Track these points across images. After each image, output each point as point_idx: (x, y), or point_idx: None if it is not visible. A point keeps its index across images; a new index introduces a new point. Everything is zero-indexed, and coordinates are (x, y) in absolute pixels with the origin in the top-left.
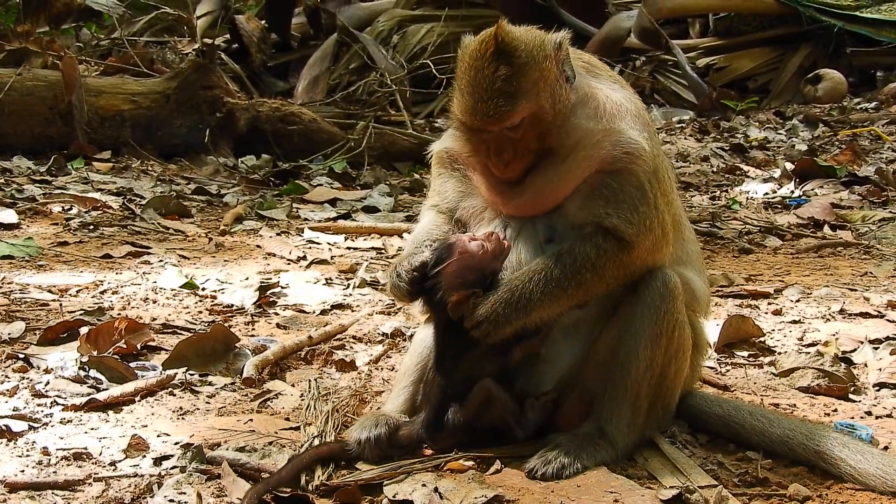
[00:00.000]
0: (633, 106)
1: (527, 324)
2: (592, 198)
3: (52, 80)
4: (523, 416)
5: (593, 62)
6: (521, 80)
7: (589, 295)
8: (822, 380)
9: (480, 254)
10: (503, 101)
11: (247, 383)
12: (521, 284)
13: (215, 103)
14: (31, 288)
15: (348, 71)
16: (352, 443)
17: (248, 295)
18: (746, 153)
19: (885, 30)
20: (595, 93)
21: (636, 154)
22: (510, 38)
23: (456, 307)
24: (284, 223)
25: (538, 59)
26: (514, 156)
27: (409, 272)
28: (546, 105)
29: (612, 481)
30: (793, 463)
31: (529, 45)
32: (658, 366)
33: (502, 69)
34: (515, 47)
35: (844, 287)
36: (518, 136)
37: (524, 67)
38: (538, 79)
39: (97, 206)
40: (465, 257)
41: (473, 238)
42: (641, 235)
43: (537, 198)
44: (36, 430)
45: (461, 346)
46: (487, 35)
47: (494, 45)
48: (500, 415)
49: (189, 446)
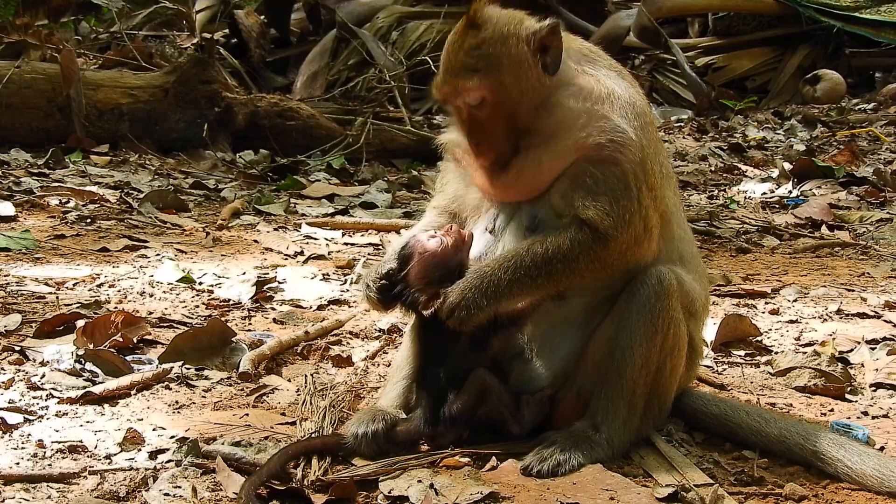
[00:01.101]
0: (627, 94)
1: (497, 311)
2: (574, 187)
3: (51, 74)
4: (519, 412)
5: (594, 50)
6: (483, 53)
7: (561, 286)
8: (818, 379)
9: (441, 250)
10: (463, 74)
11: (243, 378)
12: (491, 271)
13: (214, 98)
14: (27, 281)
15: (347, 67)
16: (349, 437)
17: (245, 290)
18: (745, 153)
19: (885, 31)
20: (584, 76)
21: (622, 143)
22: (483, 13)
23: (427, 307)
24: (282, 218)
25: (506, 35)
26: (484, 138)
27: (376, 281)
28: (507, 82)
29: (608, 479)
30: (789, 462)
31: (501, 23)
32: (653, 364)
33: (468, 41)
34: (485, 21)
35: (842, 287)
36: (484, 115)
37: (488, 41)
38: (501, 54)
39: (94, 200)
40: (426, 256)
41: (431, 236)
42: (619, 229)
43: (521, 181)
44: (31, 422)
45: (444, 342)
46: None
47: (467, 19)
48: (496, 407)
49: (184, 440)
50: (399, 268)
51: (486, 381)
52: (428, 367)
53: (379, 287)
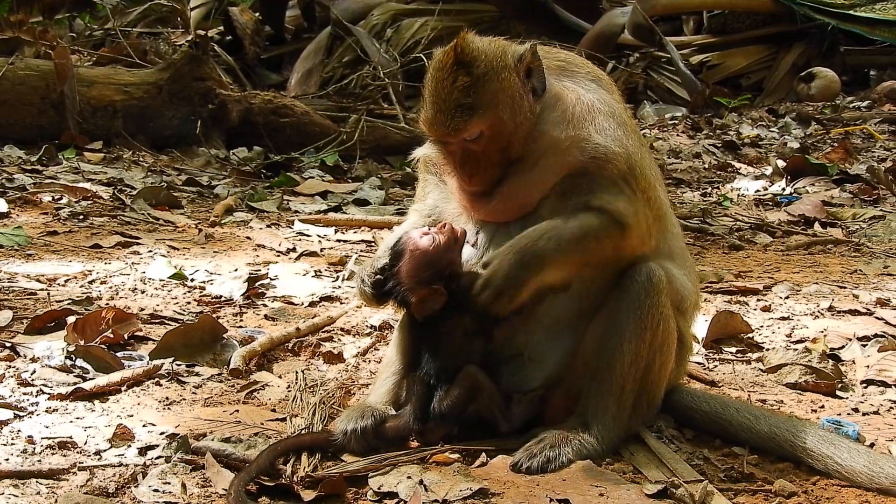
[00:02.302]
0: (607, 106)
1: (533, 285)
2: (567, 197)
3: (45, 70)
4: (509, 410)
5: (571, 60)
6: (479, 91)
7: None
8: (809, 376)
9: (432, 248)
10: (460, 113)
11: (234, 374)
12: (530, 243)
13: (208, 95)
14: (19, 277)
15: (342, 64)
16: (338, 434)
17: (237, 286)
18: (738, 150)
19: (879, 29)
20: (565, 95)
21: (604, 159)
22: (470, 49)
23: (419, 307)
24: (275, 215)
25: (498, 70)
26: (478, 169)
27: (371, 276)
28: (505, 117)
29: (598, 475)
30: (779, 459)
31: (490, 56)
32: (643, 360)
33: (461, 80)
34: (475, 58)
35: (834, 284)
36: (479, 148)
37: (483, 78)
38: (497, 90)
39: (87, 197)
40: (418, 254)
41: (424, 233)
42: (633, 218)
43: (507, 204)
44: (21, 418)
45: (436, 339)
46: (450, 47)
47: (454, 55)
48: (486, 404)
49: (174, 436)
50: (391, 263)
51: (477, 378)
52: (418, 364)
53: (374, 282)
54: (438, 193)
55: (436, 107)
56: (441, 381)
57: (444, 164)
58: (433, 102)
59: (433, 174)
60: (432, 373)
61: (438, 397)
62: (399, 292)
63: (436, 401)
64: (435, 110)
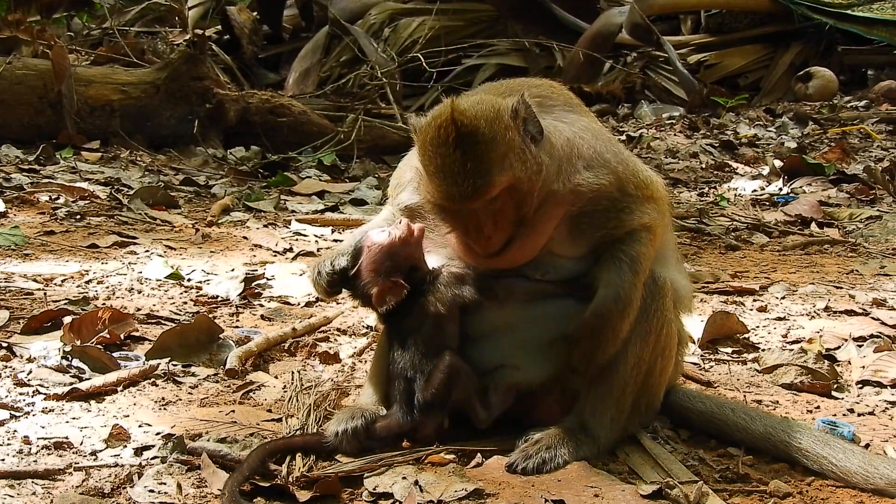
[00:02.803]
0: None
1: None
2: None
3: (42, 70)
4: (487, 397)
5: (545, 92)
6: (490, 155)
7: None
8: (805, 377)
9: (388, 242)
10: (479, 180)
11: (230, 374)
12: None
13: (205, 94)
14: (15, 277)
15: (339, 63)
16: (329, 435)
17: (234, 286)
18: (736, 150)
19: (877, 28)
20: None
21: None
22: (468, 118)
23: (379, 299)
24: (272, 215)
25: (501, 132)
26: (495, 229)
27: (329, 274)
28: (519, 173)
29: (593, 476)
30: (774, 459)
31: (489, 119)
32: (645, 363)
33: (469, 151)
34: (476, 126)
35: (830, 284)
36: (497, 207)
37: (490, 144)
38: (506, 152)
39: (84, 196)
40: (375, 249)
41: (381, 230)
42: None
43: (513, 256)
44: (17, 418)
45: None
46: (444, 119)
47: (455, 130)
48: (465, 391)
49: (170, 437)
50: (352, 264)
51: (453, 363)
52: (395, 359)
53: (329, 281)
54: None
55: (449, 180)
56: (418, 373)
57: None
58: (444, 177)
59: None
60: (407, 365)
61: (420, 388)
62: (360, 289)
63: (418, 393)
64: (449, 183)
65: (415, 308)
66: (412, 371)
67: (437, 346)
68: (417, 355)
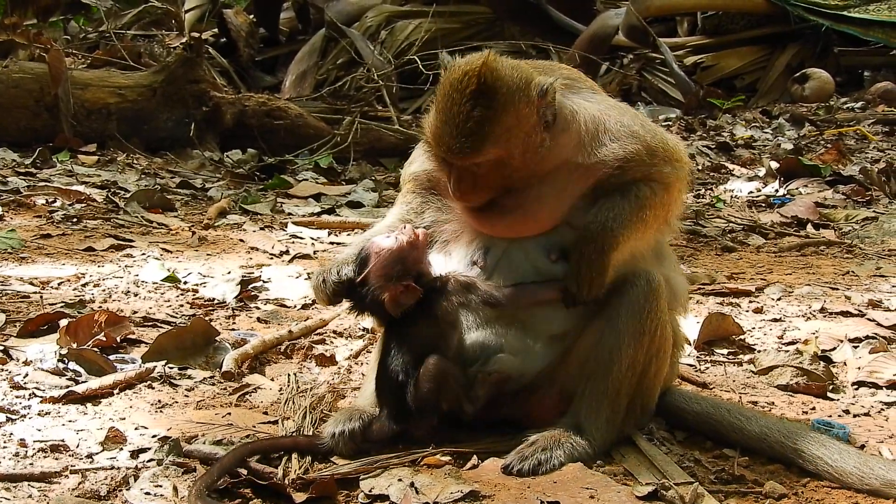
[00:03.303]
0: (615, 110)
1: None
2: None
3: (39, 73)
4: (472, 391)
5: (573, 75)
6: (494, 124)
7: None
8: (800, 378)
9: (397, 246)
10: (471, 141)
11: (226, 377)
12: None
13: (202, 97)
14: (12, 280)
15: (336, 66)
16: (326, 437)
17: (230, 289)
18: (732, 152)
19: (873, 30)
20: (577, 115)
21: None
22: (493, 79)
23: (392, 304)
24: (268, 218)
25: (518, 105)
26: (473, 188)
27: (336, 283)
28: (515, 151)
29: (589, 477)
30: (769, 460)
31: (512, 89)
32: (640, 364)
33: (478, 110)
34: (497, 90)
35: (826, 286)
36: (481, 171)
37: (500, 112)
38: (513, 125)
39: (81, 199)
40: (384, 254)
41: (386, 236)
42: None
43: (527, 219)
44: (14, 421)
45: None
46: (472, 68)
47: (476, 83)
48: (453, 390)
49: (166, 439)
50: (357, 272)
51: (440, 366)
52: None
53: (334, 290)
54: (434, 212)
55: (446, 126)
56: (410, 377)
57: (438, 173)
58: (444, 121)
59: (427, 192)
60: (400, 370)
61: (410, 394)
62: (369, 294)
63: (408, 398)
64: (444, 130)
65: (419, 314)
66: (403, 375)
67: (433, 351)
68: (411, 360)
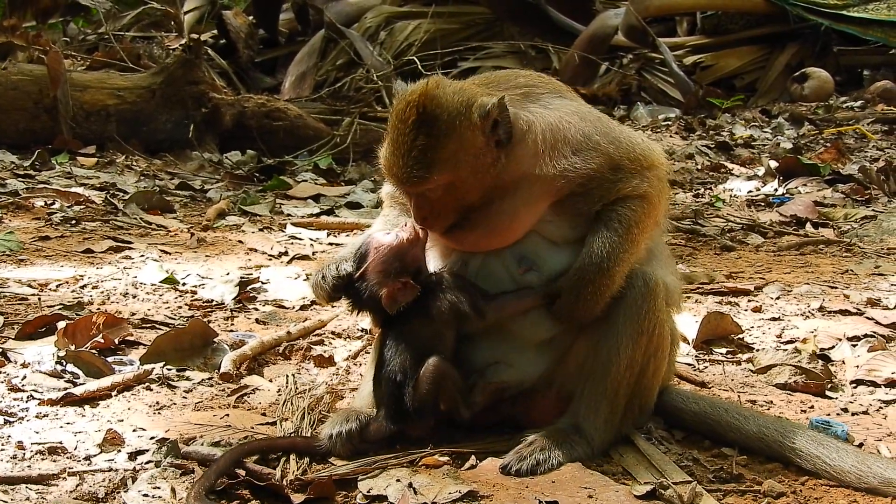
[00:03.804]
0: (574, 115)
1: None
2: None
3: (38, 75)
4: (471, 397)
5: (531, 82)
6: (438, 151)
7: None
8: (799, 377)
9: (397, 243)
10: (417, 171)
11: (224, 378)
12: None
13: (201, 99)
14: (10, 282)
15: (335, 67)
16: (323, 438)
17: (228, 290)
18: (731, 151)
19: (872, 29)
20: (534, 125)
21: (589, 177)
22: (433, 107)
23: (389, 301)
24: (267, 219)
25: (460, 129)
26: (432, 213)
27: (334, 279)
28: (465, 174)
29: (587, 477)
30: (768, 459)
31: (452, 115)
32: (638, 364)
33: (420, 139)
34: (437, 117)
35: (825, 284)
36: (435, 197)
37: (443, 139)
38: (457, 150)
39: (80, 201)
40: (383, 249)
41: (386, 232)
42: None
43: (494, 232)
44: (11, 424)
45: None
46: (413, 97)
47: (416, 113)
48: (451, 393)
49: (164, 441)
50: (356, 267)
51: (439, 369)
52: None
53: (334, 285)
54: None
55: (394, 156)
56: (408, 377)
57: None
58: (393, 150)
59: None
60: (398, 369)
61: (408, 394)
62: (367, 290)
63: (407, 398)
64: (392, 161)
65: (415, 313)
66: (402, 375)
67: (431, 351)
68: (409, 360)
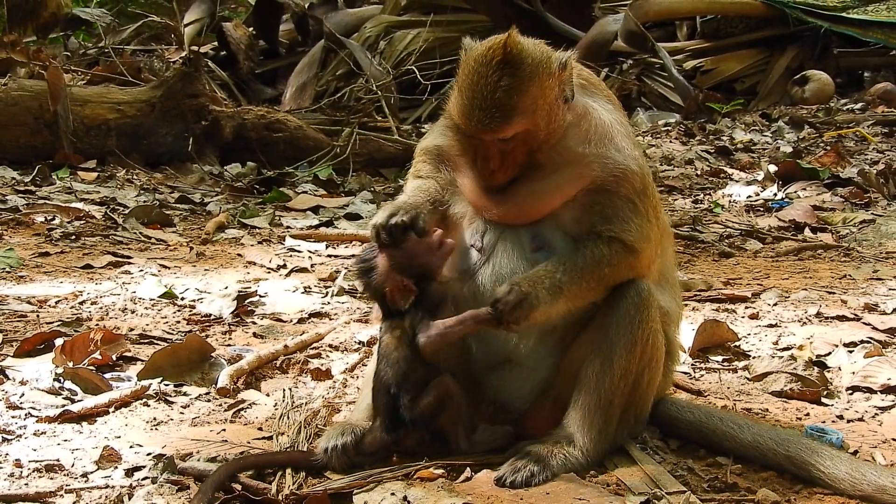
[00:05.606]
0: (623, 128)
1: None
2: (586, 213)
3: (38, 90)
4: (474, 434)
5: (590, 79)
6: (521, 94)
7: (600, 293)
8: (794, 384)
9: (414, 241)
10: (500, 113)
11: (221, 393)
12: (548, 273)
13: (200, 111)
14: (9, 299)
15: (335, 77)
16: (319, 451)
17: (226, 304)
18: (731, 156)
19: (872, 30)
20: (588, 113)
21: (623, 177)
22: (518, 50)
23: (391, 298)
24: (266, 231)
25: (542, 75)
26: (501, 166)
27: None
28: (541, 123)
29: (581, 488)
30: (762, 468)
31: (535, 60)
32: (632, 374)
33: (505, 80)
34: (522, 60)
35: (822, 290)
36: (509, 148)
37: (527, 82)
38: (538, 96)
39: (80, 216)
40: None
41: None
42: (643, 242)
43: (522, 207)
44: (9, 441)
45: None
46: (496, 42)
47: (502, 54)
48: (452, 417)
49: (161, 457)
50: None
51: (449, 388)
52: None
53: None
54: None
55: (474, 102)
56: (402, 389)
57: (459, 154)
58: (472, 96)
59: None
60: (391, 381)
61: (404, 405)
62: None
63: (402, 409)
64: (473, 105)
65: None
66: (396, 387)
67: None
68: (404, 371)
